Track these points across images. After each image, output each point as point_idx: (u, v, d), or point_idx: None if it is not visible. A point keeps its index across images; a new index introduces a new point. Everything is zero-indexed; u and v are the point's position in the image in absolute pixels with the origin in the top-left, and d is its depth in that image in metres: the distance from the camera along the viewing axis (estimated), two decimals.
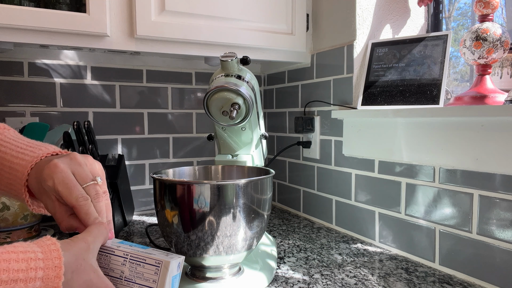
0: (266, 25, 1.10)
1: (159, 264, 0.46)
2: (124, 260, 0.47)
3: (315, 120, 1.15)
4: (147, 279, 0.46)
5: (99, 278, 0.42)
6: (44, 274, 0.37)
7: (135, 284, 0.46)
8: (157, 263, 0.46)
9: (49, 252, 0.38)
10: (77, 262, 0.41)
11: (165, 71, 1.29)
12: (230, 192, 0.63)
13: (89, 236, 0.45)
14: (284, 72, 1.32)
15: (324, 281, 0.74)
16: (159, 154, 1.30)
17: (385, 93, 0.93)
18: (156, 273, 0.46)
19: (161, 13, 0.97)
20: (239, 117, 0.77)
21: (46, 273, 0.37)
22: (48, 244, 0.39)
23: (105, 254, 0.48)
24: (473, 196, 0.73)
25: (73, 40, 0.90)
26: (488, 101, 0.78)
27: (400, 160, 0.88)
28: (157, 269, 0.46)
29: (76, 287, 0.40)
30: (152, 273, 0.46)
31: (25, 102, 1.11)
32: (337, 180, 1.08)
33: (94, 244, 0.44)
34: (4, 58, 1.07)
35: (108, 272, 0.47)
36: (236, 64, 0.78)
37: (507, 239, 0.68)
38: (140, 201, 1.28)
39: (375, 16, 1.03)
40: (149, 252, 0.48)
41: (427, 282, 0.74)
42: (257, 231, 0.68)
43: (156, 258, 0.46)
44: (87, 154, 0.55)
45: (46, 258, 0.38)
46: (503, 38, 0.77)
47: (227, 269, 0.71)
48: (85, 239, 0.44)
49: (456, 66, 1.07)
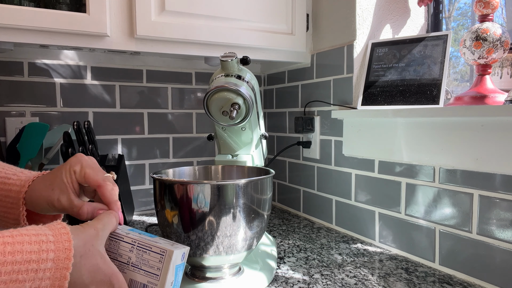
0: (266, 25, 1.10)
1: (164, 253, 0.48)
2: (132, 246, 0.49)
3: (315, 120, 1.15)
4: (152, 266, 0.48)
5: (105, 263, 0.45)
6: (55, 255, 0.39)
7: (140, 270, 0.48)
8: (161, 251, 0.48)
9: (59, 235, 0.40)
10: (86, 247, 0.43)
11: (165, 71, 1.29)
12: (230, 192, 0.63)
13: (99, 223, 0.47)
14: (284, 72, 1.32)
15: (324, 281, 0.74)
16: (159, 154, 1.30)
17: (385, 93, 0.93)
18: (161, 261, 0.48)
19: (161, 13, 0.97)
20: (239, 117, 0.77)
21: (57, 255, 0.39)
22: (59, 228, 0.41)
23: (114, 240, 0.50)
24: (473, 196, 0.73)
25: (73, 40, 0.90)
26: (488, 101, 0.78)
27: (400, 160, 0.88)
28: (162, 257, 0.48)
29: (84, 270, 0.42)
30: (157, 261, 0.48)
31: (25, 102, 1.11)
32: (337, 180, 1.08)
33: (103, 231, 0.47)
34: (4, 58, 1.07)
35: (117, 257, 0.49)
36: (236, 64, 0.78)
37: (507, 239, 0.68)
38: (140, 201, 1.28)
39: (375, 16, 1.03)
40: (156, 240, 0.50)
41: (427, 282, 0.74)
42: (257, 231, 0.68)
43: (161, 247, 0.48)
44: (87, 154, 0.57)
45: (57, 241, 0.40)
46: (503, 38, 0.77)
47: (227, 269, 0.71)
48: (95, 226, 0.46)
49: (456, 66, 1.07)
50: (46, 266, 0.38)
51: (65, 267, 0.39)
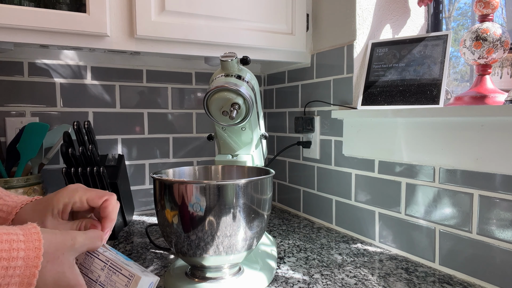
0: (266, 25, 1.10)
1: (131, 277, 0.48)
2: (104, 265, 0.49)
3: (315, 120, 1.15)
4: None
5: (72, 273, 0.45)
6: (25, 254, 0.40)
7: None
8: (130, 275, 0.48)
9: (30, 235, 0.42)
10: (55, 254, 0.44)
11: (165, 71, 1.29)
12: (230, 192, 0.63)
13: (81, 237, 0.47)
14: (284, 72, 1.32)
15: (324, 281, 0.74)
16: (159, 154, 1.30)
17: (385, 93, 0.93)
18: (127, 285, 0.48)
19: (161, 13, 0.97)
20: (239, 117, 0.77)
21: (27, 254, 0.40)
22: (29, 228, 0.43)
23: (90, 255, 0.50)
24: (473, 196, 0.73)
25: (73, 40, 0.90)
26: (488, 101, 0.78)
27: (400, 160, 0.88)
28: (128, 282, 0.48)
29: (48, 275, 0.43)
30: (123, 284, 0.48)
31: (25, 102, 1.11)
32: (337, 180, 1.08)
33: (80, 246, 0.47)
34: (4, 58, 1.07)
35: (88, 273, 0.49)
36: (236, 64, 0.78)
37: (507, 239, 0.68)
38: (140, 201, 1.28)
39: (375, 16, 1.03)
40: (130, 264, 0.50)
41: (427, 282, 0.74)
42: (257, 231, 0.68)
43: (130, 271, 0.48)
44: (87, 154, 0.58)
45: (27, 240, 0.41)
46: (503, 38, 0.77)
47: (227, 269, 0.71)
48: (75, 238, 0.46)
49: (456, 66, 1.07)
50: (16, 264, 0.40)
51: (34, 265, 0.41)
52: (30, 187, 0.96)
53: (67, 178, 0.91)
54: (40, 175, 1.01)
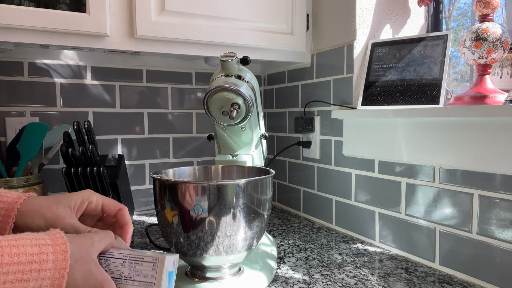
0: (266, 25, 1.10)
1: (156, 260, 0.50)
2: (123, 261, 0.51)
3: (315, 120, 1.15)
4: (146, 275, 0.50)
5: (98, 270, 0.47)
6: (54, 257, 0.42)
7: (134, 281, 0.50)
8: (154, 259, 0.50)
9: (55, 239, 0.44)
10: (81, 253, 0.46)
11: (165, 71, 1.29)
12: (230, 192, 0.63)
13: (96, 235, 0.50)
14: (284, 72, 1.32)
15: (324, 281, 0.74)
16: (159, 154, 1.30)
17: (385, 93, 0.93)
18: (154, 268, 0.49)
19: (161, 13, 0.97)
20: (239, 117, 0.77)
21: (56, 256, 0.42)
22: (54, 233, 0.45)
23: (104, 258, 0.51)
24: (473, 196, 0.73)
25: (73, 40, 0.90)
26: (488, 101, 0.78)
27: (400, 160, 0.88)
28: (155, 265, 0.49)
29: (77, 274, 0.44)
30: (150, 269, 0.50)
31: (25, 102, 1.11)
32: (337, 180, 1.08)
33: (99, 243, 0.49)
34: (4, 58, 1.07)
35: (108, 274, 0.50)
36: (236, 64, 0.78)
37: (507, 239, 0.68)
38: (140, 201, 1.28)
39: (375, 16, 1.03)
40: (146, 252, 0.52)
41: (427, 282, 0.74)
42: (257, 231, 0.68)
43: (152, 255, 0.50)
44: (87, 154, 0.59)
45: (54, 244, 0.43)
46: (503, 38, 0.77)
47: (227, 269, 0.71)
48: (92, 237, 0.49)
49: (456, 66, 1.07)
50: (46, 267, 0.41)
51: (63, 267, 0.43)
52: (30, 187, 0.96)
53: (67, 178, 0.91)
54: (40, 175, 1.01)
